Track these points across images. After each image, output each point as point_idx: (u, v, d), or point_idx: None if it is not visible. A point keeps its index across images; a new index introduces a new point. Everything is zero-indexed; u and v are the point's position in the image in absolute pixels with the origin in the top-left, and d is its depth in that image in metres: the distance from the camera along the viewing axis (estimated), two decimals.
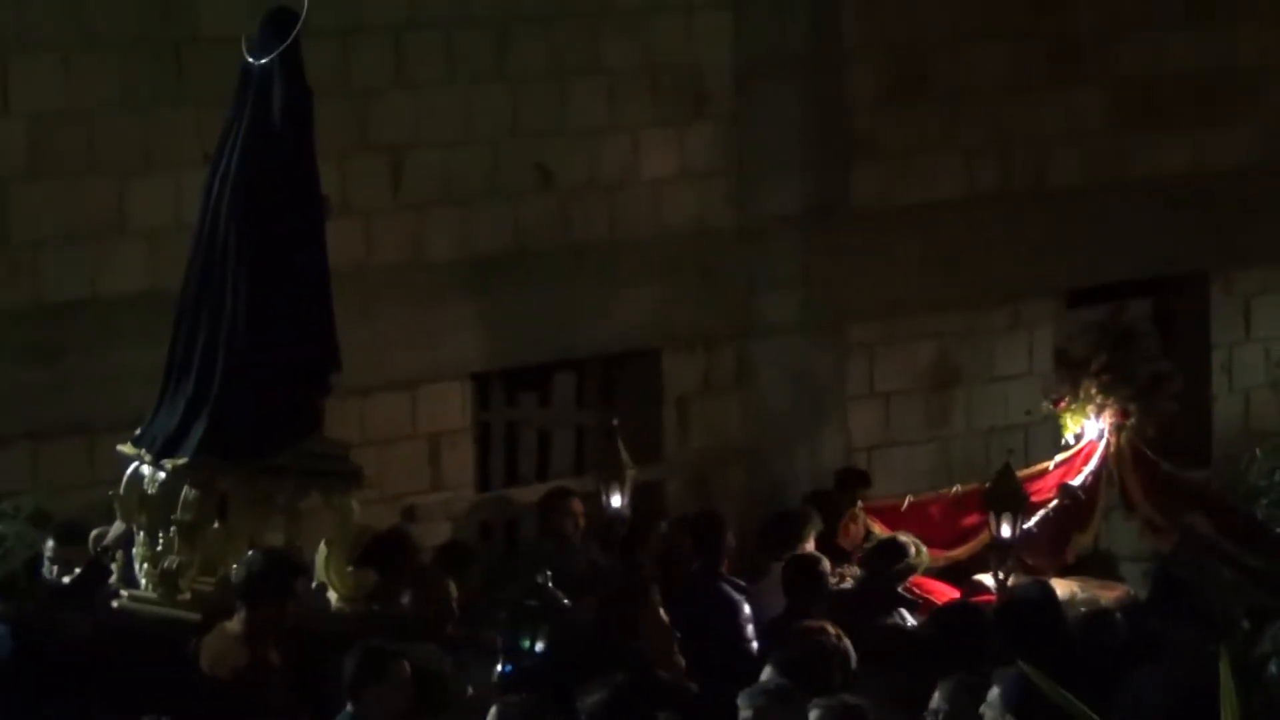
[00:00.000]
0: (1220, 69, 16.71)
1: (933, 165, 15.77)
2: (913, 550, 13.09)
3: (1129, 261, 16.51)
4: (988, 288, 15.92)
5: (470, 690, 10.37)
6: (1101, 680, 9.95)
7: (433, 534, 13.37)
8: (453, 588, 11.46)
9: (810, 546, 13.33)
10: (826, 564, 12.80)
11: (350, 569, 11.24)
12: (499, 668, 10.49)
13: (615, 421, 14.07)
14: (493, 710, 9.16)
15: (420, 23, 13.81)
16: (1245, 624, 10.79)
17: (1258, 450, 15.38)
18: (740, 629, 12.40)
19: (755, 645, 12.28)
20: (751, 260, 15.04)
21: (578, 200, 14.46)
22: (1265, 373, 16.75)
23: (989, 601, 12.85)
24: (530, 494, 14.46)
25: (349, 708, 9.52)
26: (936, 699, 9.13)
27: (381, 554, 11.56)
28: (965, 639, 11.04)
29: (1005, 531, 13.41)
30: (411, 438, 13.92)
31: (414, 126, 13.83)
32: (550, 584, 11.41)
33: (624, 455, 13.88)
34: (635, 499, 13.90)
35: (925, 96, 15.65)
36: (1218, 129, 16.73)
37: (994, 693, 9.18)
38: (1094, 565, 13.93)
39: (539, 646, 10.73)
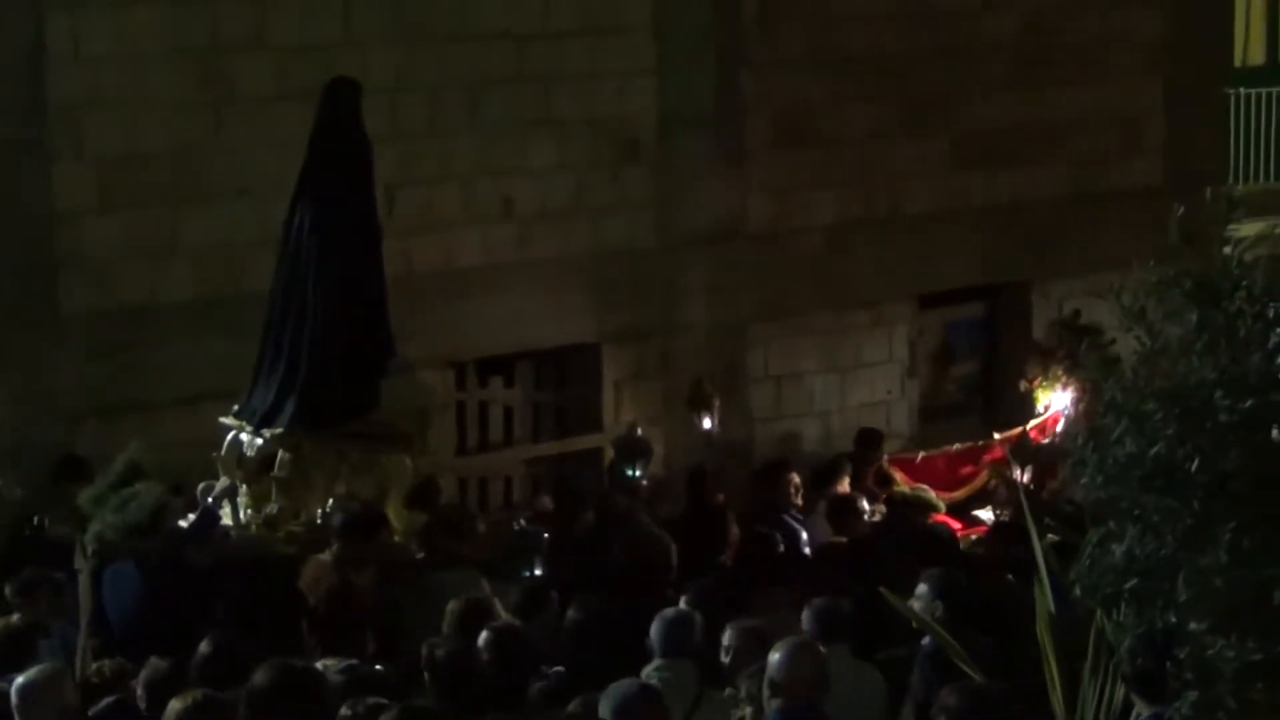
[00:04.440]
0: (1036, 121, 16.73)
1: (812, 197, 15.75)
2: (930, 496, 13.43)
3: (967, 272, 16.56)
4: (856, 293, 15.91)
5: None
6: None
7: None
8: (479, 525, 11.57)
9: (845, 488, 13.47)
10: (862, 501, 12.92)
11: (405, 511, 11.39)
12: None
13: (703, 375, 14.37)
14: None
15: (409, 87, 13.77)
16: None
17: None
18: (800, 550, 12.52)
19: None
20: (671, 273, 15.03)
21: (535, 225, 14.43)
22: None
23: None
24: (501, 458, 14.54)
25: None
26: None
27: (420, 498, 11.70)
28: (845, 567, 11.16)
29: (1025, 478, 13.57)
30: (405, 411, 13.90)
31: (402, 168, 13.79)
32: (530, 527, 11.52)
33: (709, 390, 14.14)
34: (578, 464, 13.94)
35: (805, 143, 15.62)
36: (1034, 168, 16.76)
37: (922, 587, 9.16)
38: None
39: (537, 571, 10.79)
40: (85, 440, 12.55)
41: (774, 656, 7.49)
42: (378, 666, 8.86)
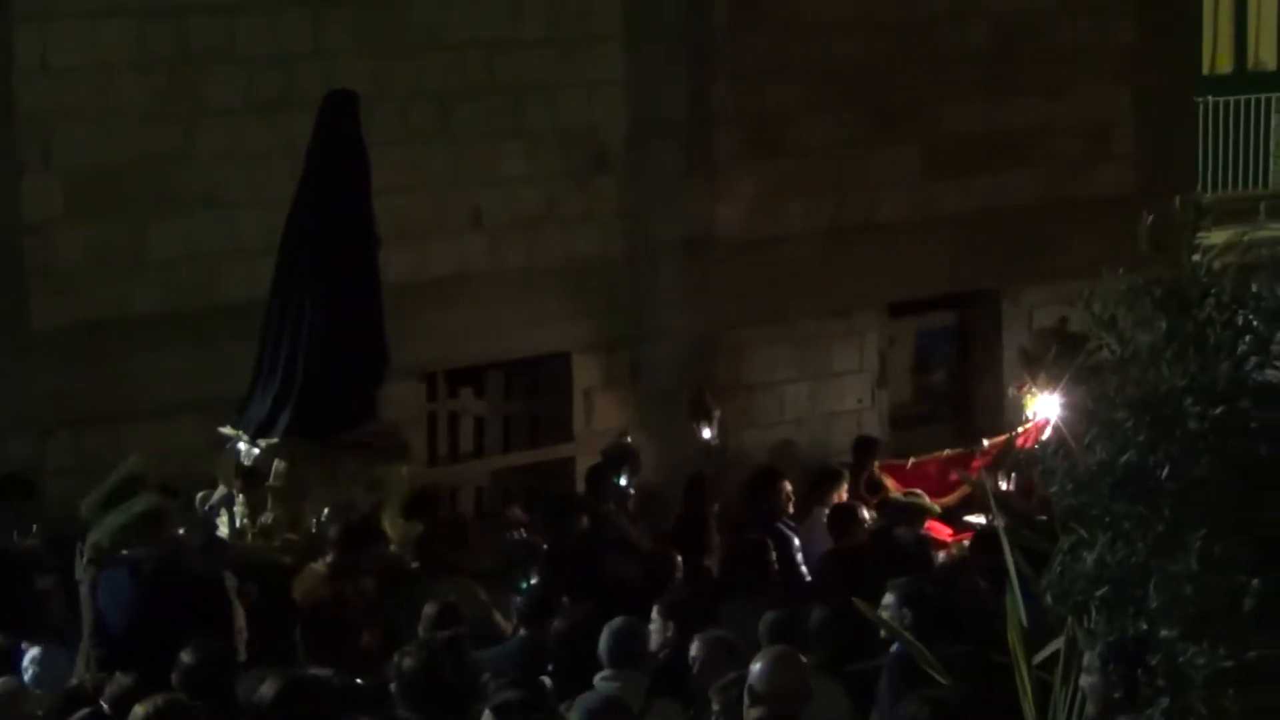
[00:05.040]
0: (1006, 129, 16.79)
1: (783, 206, 15.77)
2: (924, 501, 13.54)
3: (938, 281, 16.58)
4: (827, 302, 15.92)
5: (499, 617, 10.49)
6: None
7: None
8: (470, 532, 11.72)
9: (843, 496, 13.51)
10: (863, 511, 13.01)
11: (401, 521, 11.42)
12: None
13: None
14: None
15: (379, 97, 13.76)
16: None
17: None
18: (793, 557, 12.53)
19: (804, 569, 12.46)
20: (641, 282, 15.04)
21: (505, 235, 14.45)
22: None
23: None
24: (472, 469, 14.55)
25: (523, 631, 9.65)
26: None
27: (419, 507, 11.77)
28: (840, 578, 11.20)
29: (1010, 486, 13.64)
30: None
31: (376, 176, 13.75)
32: (528, 538, 11.62)
33: (709, 400, 14.16)
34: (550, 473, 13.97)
35: (776, 152, 15.63)
36: (1005, 177, 16.80)
37: (889, 597, 9.21)
38: None
39: (532, 582, 10.84)
40: (56, 453, 12.56)
41: (755, 666, 7.50)
42: (357, 680, 8.88)
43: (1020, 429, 14.87)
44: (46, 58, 12.60)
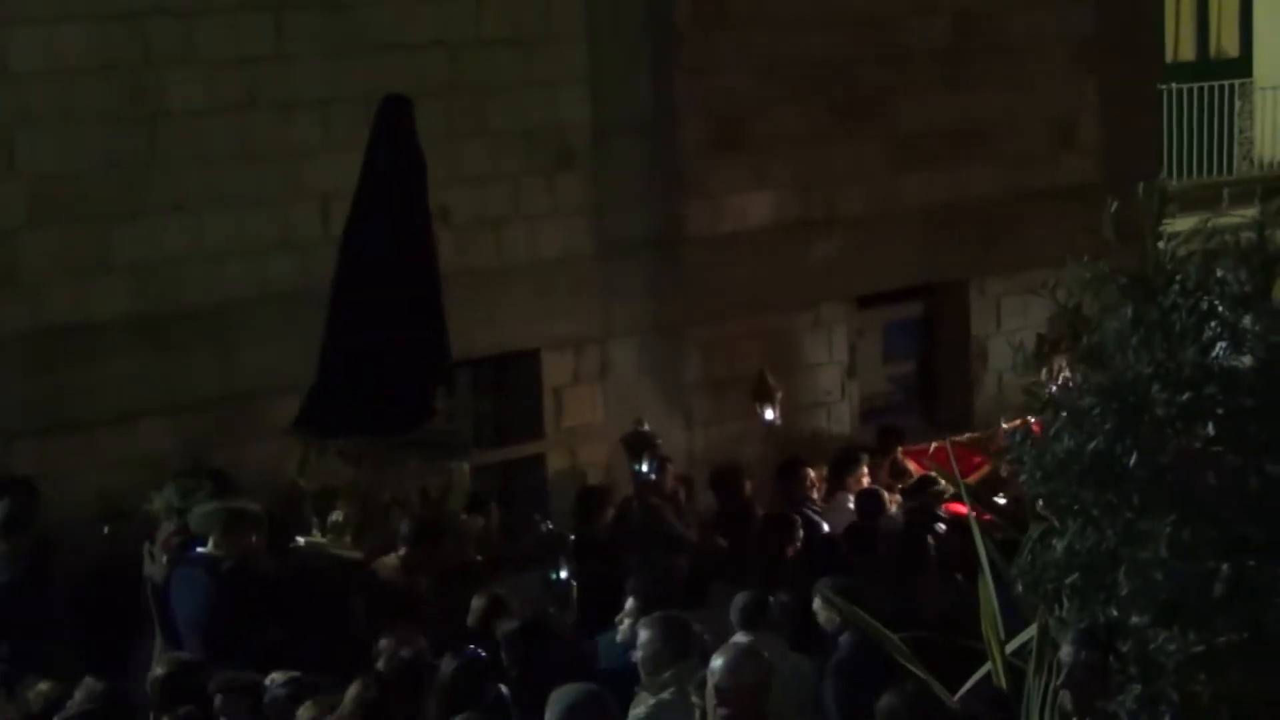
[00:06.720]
0: (970, 121, 16.80)
1: (747, 201, 15.77)
2: (941, 483, 13.47)
3: (904, 272, 16.60)
4: (794, 295, 15.92)
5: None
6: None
7: None
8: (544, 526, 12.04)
9: (865, 479, 13.65)
10: (886, 496, 13.15)
11: (464, 516, 11.60)
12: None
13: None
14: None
15: (342, 98, 13.72)
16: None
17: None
18: (820, 542, 12.53)
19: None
20: (608, 279, 15.02)
21: (471, 234, 14.42)
22: (1012, 357, 16.80)
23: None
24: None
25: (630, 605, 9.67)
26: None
27: (480, 504, 12.01)
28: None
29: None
30: None
31: (339, 178, 13.73)
32: (554, 530, 11.88)
33: (772, 383, 14.40)
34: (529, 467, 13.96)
35: (740, 147, 15.63)
36: (969, 168, 16.82)
37: (816, 601, 9.22)
38: None
39: (563, 575, 10.81)
40: (21, 460, 12.45)
41: (716, 662, 7.38)
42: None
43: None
44: (7, 62, 12.52)
